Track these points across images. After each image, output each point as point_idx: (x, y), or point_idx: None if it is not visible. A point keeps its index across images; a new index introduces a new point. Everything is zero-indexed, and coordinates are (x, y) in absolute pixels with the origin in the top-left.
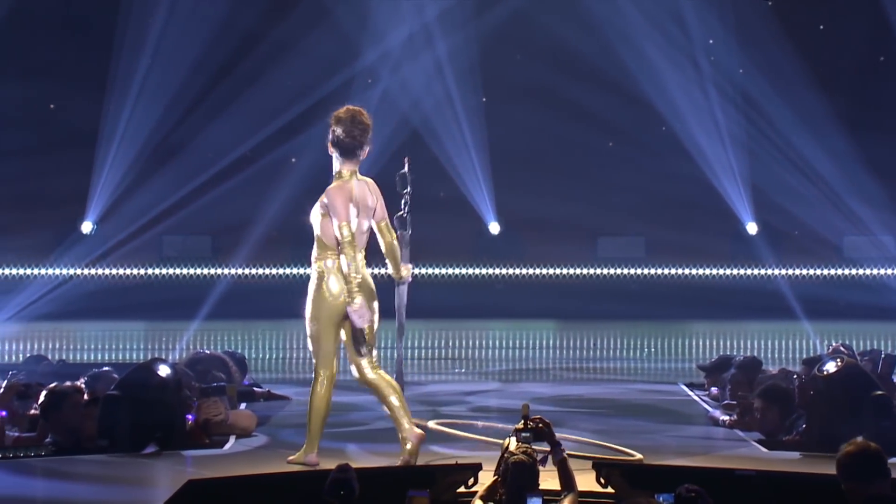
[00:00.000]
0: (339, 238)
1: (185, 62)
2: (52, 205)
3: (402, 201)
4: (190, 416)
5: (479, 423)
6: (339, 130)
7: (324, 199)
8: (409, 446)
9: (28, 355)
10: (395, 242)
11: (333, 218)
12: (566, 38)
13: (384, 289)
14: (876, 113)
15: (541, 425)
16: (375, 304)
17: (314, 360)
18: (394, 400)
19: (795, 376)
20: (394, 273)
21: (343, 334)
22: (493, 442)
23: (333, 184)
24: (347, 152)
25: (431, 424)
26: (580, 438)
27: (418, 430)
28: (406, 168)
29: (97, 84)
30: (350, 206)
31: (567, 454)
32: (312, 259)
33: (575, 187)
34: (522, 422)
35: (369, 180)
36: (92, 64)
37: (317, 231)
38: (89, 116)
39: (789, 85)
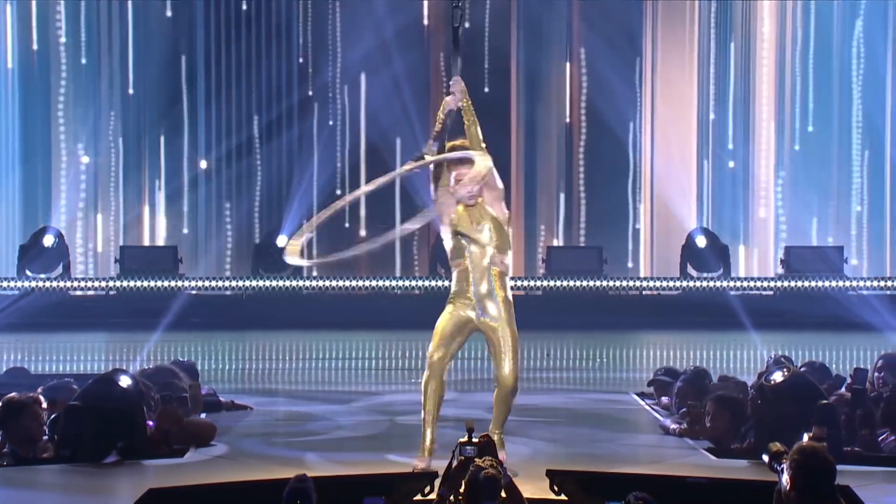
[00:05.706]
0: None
1: (149, 70)
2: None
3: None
4: (150, 423)
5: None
6: None
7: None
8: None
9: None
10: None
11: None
12: (520, 52)
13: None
14: None
15: (483, 439)
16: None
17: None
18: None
19: (750, 386)
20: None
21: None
22: None
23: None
24: None
25: None
26: None
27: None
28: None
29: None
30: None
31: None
32: None
33: (530, 198)
34: (467, 436)
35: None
36: None
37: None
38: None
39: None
